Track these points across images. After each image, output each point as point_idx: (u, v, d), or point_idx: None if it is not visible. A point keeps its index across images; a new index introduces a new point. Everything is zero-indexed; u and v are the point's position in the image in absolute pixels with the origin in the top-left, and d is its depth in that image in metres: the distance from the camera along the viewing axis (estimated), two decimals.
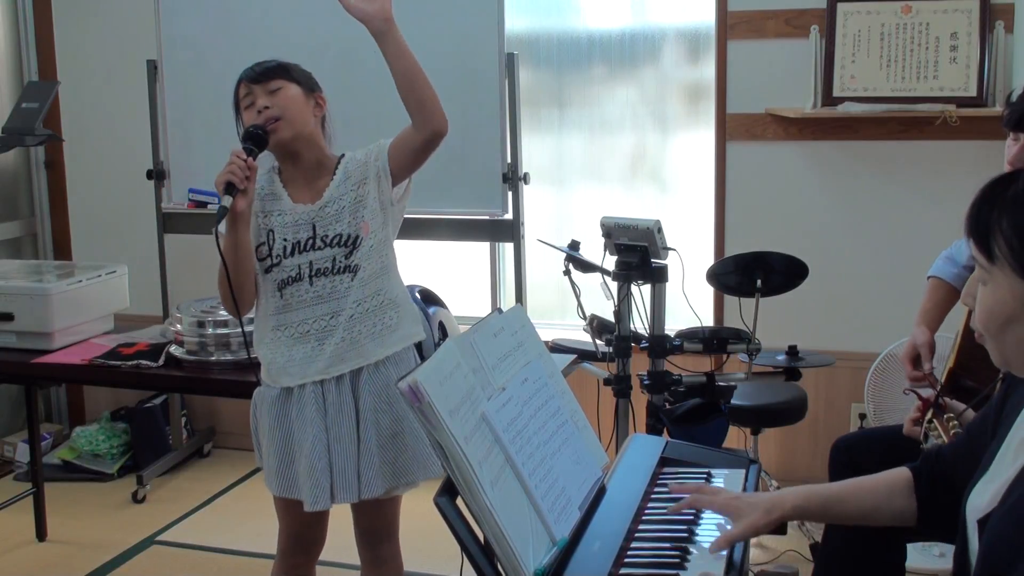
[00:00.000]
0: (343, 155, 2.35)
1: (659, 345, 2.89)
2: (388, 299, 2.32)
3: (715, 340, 2.98)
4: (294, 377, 2.29)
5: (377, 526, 2.46)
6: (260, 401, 2.37)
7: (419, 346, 2.43)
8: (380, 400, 2.31)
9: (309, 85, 2.35)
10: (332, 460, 2.28)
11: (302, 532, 2.47)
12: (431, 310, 2.82)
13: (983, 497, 1.42)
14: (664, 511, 1.73)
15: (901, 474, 1.66)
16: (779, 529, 1.99)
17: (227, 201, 2.13)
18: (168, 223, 4.19)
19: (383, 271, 2.32)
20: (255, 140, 2.21)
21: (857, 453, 2.60)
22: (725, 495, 1.67)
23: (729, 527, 1.65)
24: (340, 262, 2.27)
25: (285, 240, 2.28)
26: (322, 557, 2.58)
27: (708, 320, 3.80)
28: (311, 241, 2.28)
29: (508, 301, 4.18)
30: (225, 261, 2.19)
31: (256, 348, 2.35)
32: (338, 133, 2.47)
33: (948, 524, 1.60)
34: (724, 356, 3.22)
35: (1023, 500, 1.31)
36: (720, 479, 1.88)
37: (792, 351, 3.20)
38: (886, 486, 1.66)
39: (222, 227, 2.21)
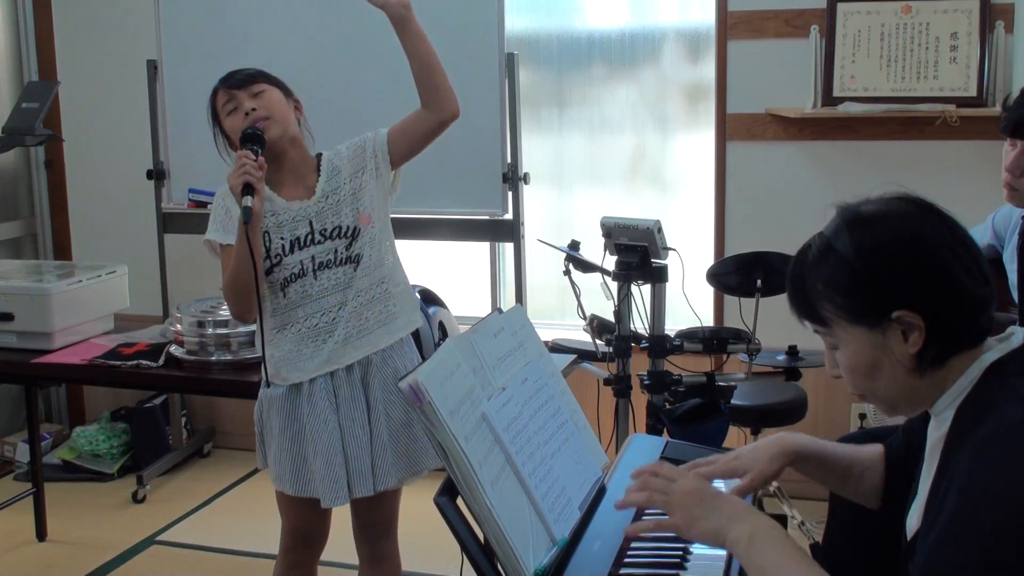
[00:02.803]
0: (320, 154, 2.38)
1: (659, 345, 2.89)
2: (392, 286, 2.35)
3: (715, 340, 2.98)
4: (305, 372, 2.29)
5: (377, 520, 2.46)
6: (268, 402, 2.36)
7: (416, 336, 2.44)
8: (389, 391, 2.32)
9: (286, 89, 2.38)
10: (347, 454, 2.29)
11: (307, 530, 2.46)
12: (431, 310, 2.82)
13: (913, 518, 1.43)
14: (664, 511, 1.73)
15: (877, 450, 1.67)
16: None
17: (248, 201, 2.14)
18: (168, 223, 4.19)
19: (387, 259, 2.35)
20: (255, 140, 2.22)
21: None
22: (722, 460, 1.66)
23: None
24: (341, 253, 2.29)
25: (282, 239, 2.29)
26: (323, 556, 2.58)
27: (708, 320, 3.80)
28: (310, 236, 2.29)
29: (508, 301, 4.18)
30: (255, 263, 2.17)
31: (265, 347, 2.34)
32: (335, 130, 2.47)
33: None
34: (724, 356, 3.22)
35: (940, 521, 1.28)
36: (720, 479, 1.88)
37: (792, 351, 3.20)
38: (869, 459, 1.67)
39: (214, 233, 2.26)
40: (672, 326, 2.98)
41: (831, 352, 1.43)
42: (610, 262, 2.95)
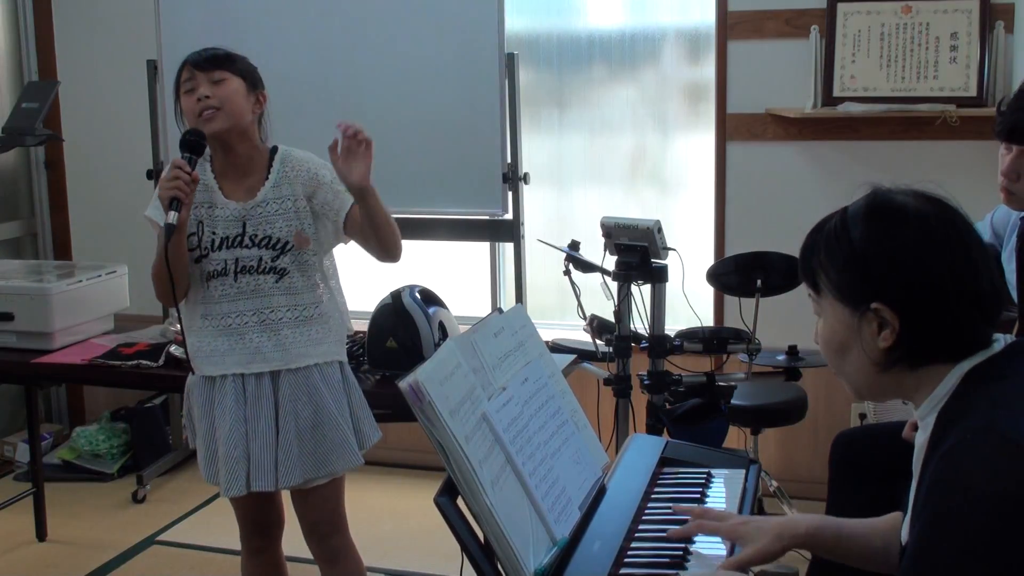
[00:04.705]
0: (276, 148, 2.36)
1: (659, 345, 2.89)
2: (322, 313, 2.36)
3: (715, 340, 2.98)
4: (216, 367, 2.33)
5: (317, 519, 2.46)
6: (190, 388, 2.41)
7: (340, 366, 2.44)
8: (299, 391, 2.33)
9: (252, 81, 2.34)
10: (249, 448, 2.31)
11: (256, 517, 2.49)
12: (431, 310, 2.83)
13: (904, 530, 1.43)
14: (664, 511, 1.73)
15: (897, 517, 1.61)
16: None
17: (172, 217, 2.14)
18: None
19: (322, 290, 2.37)
20: (192, 148, 2.22)
21: (858, 448, 2.60)
22: (732, 520, 1.61)
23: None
24: (266, 263, 2.30)
25: (214, 234, 2.29)
26: (293, 552, 2.59)
27: (708, 320, 3.80)
28: (240, 238, 2.29)
29: (508, 301, 4.18)
30: (169, 265, 2.19)
31: (186, 334, 2.37)
32: (333, 130, 2.46)
33: None
34: (724, 356, 3.22)
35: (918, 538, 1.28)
36: (720, 479, 1.88)
37: (792, 351, 3.20)
38: (888, 528, 1.60)
39: (152, 211, 2.29)
40: (672, 326, 2.98)
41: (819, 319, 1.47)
42: (610, 262, 2.95)
